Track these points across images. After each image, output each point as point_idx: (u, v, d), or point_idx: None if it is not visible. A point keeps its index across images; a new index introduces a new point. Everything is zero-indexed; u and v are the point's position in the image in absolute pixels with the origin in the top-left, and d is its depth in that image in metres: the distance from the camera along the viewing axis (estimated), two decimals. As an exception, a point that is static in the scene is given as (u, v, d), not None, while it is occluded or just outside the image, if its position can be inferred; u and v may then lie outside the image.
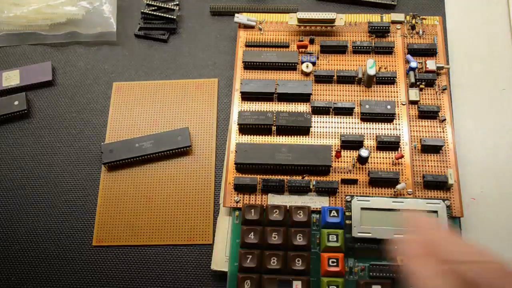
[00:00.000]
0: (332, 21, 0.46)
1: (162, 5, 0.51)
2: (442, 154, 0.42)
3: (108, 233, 0.42)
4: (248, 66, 0.46)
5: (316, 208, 0.40)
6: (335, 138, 0.43)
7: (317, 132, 0.43)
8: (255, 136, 0.43)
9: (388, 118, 0.43)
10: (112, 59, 0.51)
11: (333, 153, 0.42)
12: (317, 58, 0.46)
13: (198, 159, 0.45)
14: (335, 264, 0.37)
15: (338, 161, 0.42)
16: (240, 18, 0.48)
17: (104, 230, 0.43)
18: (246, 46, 0.47)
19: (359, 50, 0.46)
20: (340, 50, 0.46)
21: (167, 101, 0.48)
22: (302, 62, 0.46)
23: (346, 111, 0.44)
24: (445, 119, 0.43)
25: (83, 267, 0.42)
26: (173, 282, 0.41)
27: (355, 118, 0.44)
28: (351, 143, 0.42)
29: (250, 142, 0.43)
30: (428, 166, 0.41)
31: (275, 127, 0.43)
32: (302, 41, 0.47)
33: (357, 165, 0.42)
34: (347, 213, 0.38)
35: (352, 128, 0.43)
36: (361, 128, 0.43)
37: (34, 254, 0.42)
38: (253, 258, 0.38)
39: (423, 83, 0.44)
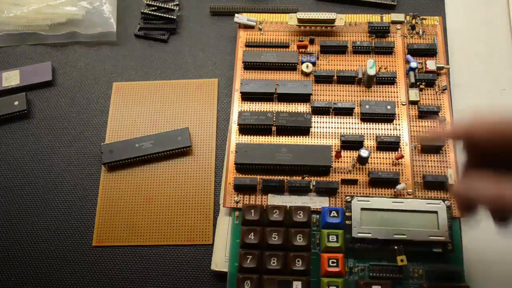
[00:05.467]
0: (332, 21, 0.46)
1: (162, 5, 0.51)
2: (442, 154, 0.42)
3: (108, 233, 0.42)
4: (248, 66, 0.46)
5: (316, 209, 0.40)
6: (335, 138, 0.43)
7: (317, 132, 0.43)
8: (255, 136, 0.43)
9: (388, 118, 0.43)
10: (112, 59, 0.51)
11: (333, 153, 0.42)
12: (317, 58, 0.46)
13: (198, 159, 0.45)
14: (335, 264, 0.37)
15: (338, 161, 0.42)
16: (240, 18, 0.48)
17: (104, 230, 0.43)
18: (246, 46, 0.47)
19: (359, 50, 0.46)
20: (340, 50, 0.46)
21: (167, 101, 0.48)
22: (302, 62, 0.46)
23: (346, 111, 0.44)
24: (445, 119, 0.43)
25: (83, 267, 0.42)
26: (173, 282, 0.41)
27: (355, 118, 0.44)
28: (351, 143, 0.42)
29: (250, 142, 0.43)
30: (428, 166, 0.41)
31: (275, 127, 0.43)
32: (302, 41, 0.47)
33: (357, 165, 0.42)
34: (347, 214, 0.38)
35: (352, 128, 0.43)
36: (361, 128, 0.43)
37: (34, 254, 0.42)
38: (253, 259, 0.38)
39: (423, 83, 0.44)
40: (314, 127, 0.43)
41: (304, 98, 0.44)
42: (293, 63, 0.46)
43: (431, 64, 0.45)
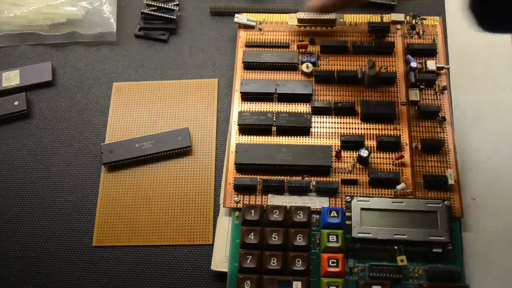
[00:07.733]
0: (332, 21, 0.46)
1: (162, 5, 0.51)
2: (442, 154, 0.42)
3: (108, 233, 0.42)
4: (248, 66, 0.46)
5: (316, 209, 0.40)
6: (335, 138, 0.43)
7: (317, 132, 0.43)
8: (255, 136, 0.43)
9: (388, 118, 0.43)
10: (112, 59, 0.51)
11: (333, 154, 0.42)
12: (317, 58, 0.46)
13: (198, 159, 0.45)
14: (335, 264, 0.37)
15: (338, 162, 0.42)
16: (240, 18, 0.48)
17: (104, 230, 0.43)
18: (246, 46, 0.47)
19: (359, 50, 0.46)
20: (340, 50, 0.46)
21: (167, 101, 0.48)
22: (302, 62, 0.46)
23: (346, 111, 0.44)
24: (445, 119, 0.43)
25: (83, 267, 0.42)
26: (173, 282, 0.41)
27: (355, 118, 0.43)
28: (351, 143, 0.42)
29: (250, 143, 0.43)
30: (428, 166, 0.41)
31: (275, 128, 0.43)
32: (302, 41, 0.47)
33: (357, 166, 0.42)
34: (347, 214, 0.38)
35: (352, 128, 0.43)
36: (361, 128, 0.43)
37: (34, 255, 0.42)
38: (253, 259, 0.38)
39: (423, 83, 0.44)
40: (314, 127, 0.43)
41: (304, 98, 0.44)
42: (293, 63, 0.46)
43: (431, 64, 0.45)
